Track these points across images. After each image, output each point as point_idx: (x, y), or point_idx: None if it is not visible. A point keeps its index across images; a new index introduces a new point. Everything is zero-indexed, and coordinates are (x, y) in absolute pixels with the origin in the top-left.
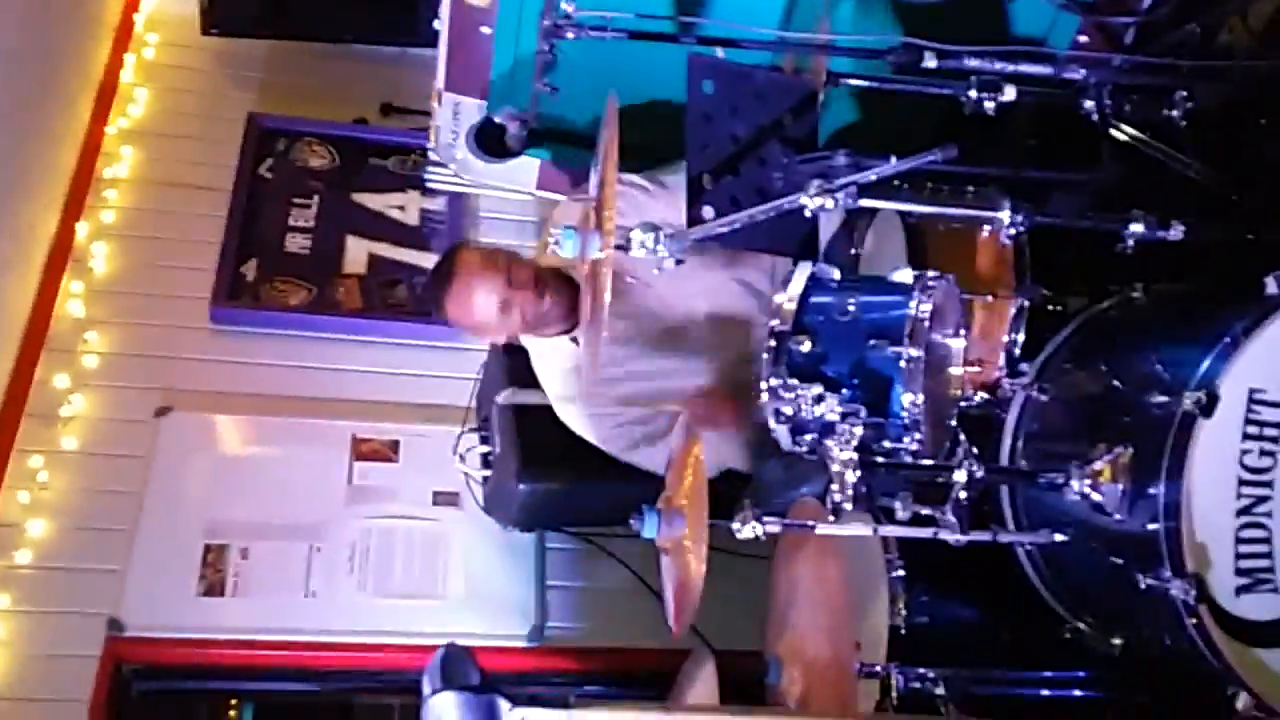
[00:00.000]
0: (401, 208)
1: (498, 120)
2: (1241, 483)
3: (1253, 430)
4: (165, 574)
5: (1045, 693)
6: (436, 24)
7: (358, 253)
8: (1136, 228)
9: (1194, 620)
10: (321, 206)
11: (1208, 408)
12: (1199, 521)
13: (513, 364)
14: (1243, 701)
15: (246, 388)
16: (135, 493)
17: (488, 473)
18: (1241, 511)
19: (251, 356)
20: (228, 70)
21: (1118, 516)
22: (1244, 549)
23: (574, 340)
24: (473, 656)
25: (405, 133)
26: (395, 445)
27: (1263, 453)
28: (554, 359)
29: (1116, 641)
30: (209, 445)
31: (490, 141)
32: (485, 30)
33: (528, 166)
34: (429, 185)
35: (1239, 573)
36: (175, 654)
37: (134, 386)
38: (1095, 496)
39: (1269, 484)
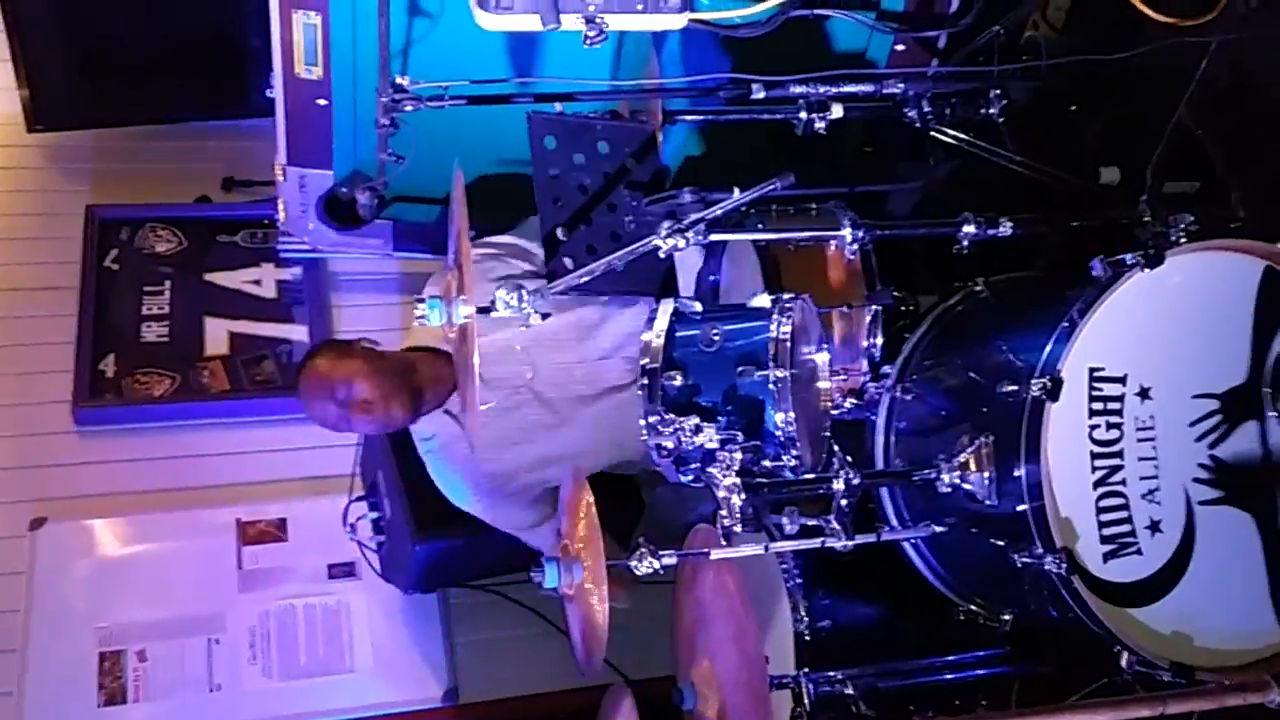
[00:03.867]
0: (257, 282)
1: (346, 191)
2: (1094, 456)
3: (1097, 406)
4: (63, 690)
5: (950, 676)
6: (270, 93)
7: (218, 333)
8: (969, 229)
9: (1069, 590)
10: (174, 291)
11: (1053, 392)
12: (1061, 498)
13: None
14: (1125, 659)
15: (121, 487)
16: (19, 611)
17: (381, 539)
18: (1098, 483)
19: (122, 454)
20: (60, 165)
21: (988, 502)
22: (1105, 517)
23: (448, 414)
24: None
25: (251, 206)
26: (282, 524)
27: (1109, 426)
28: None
29: (1006, 617)
30: (89, 552)
31: (341, 211)
32: (321, 102)
33: (382, 229)
34: (283, 256)
35: (1104, 540)
36: None
37: (3, 502)
38: (966, 486)
39: (1119, 454)
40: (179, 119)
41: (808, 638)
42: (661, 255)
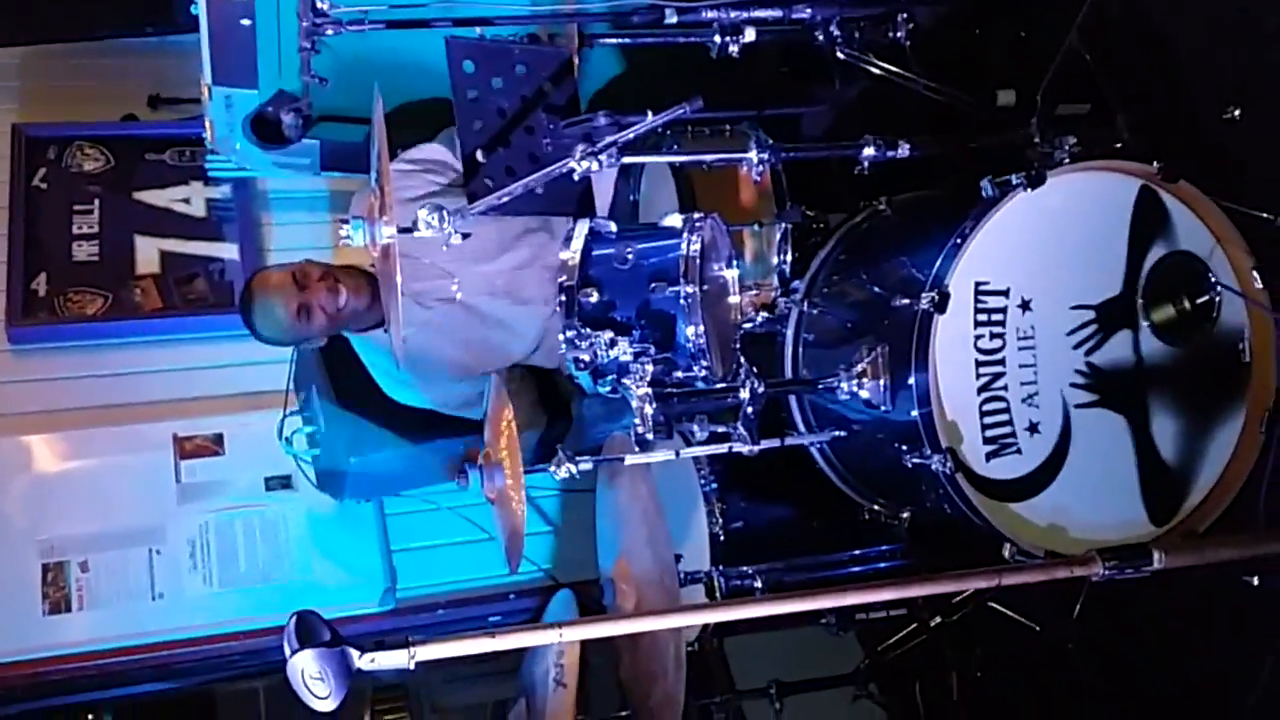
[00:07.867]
0: (186, 200)
1: (272, 111)
2: (978, 364)
3: (982, 317)
4: (7, 599)
5: (855, 569)
6: (194, 9)
7: (149, 252)
8: (869, 151)
9: (953, 487)
10: (104, 210)
11: (941, 304)
12: (948, 403)
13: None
14: (1007, 549)
15: (58, 404)
16: None
17: (316, 451)
18: (982, 389)
19: (57, 372)
20: None
21: (883, 409)
22: (988, 420)
23: (387, 332)
24: (320, 618)
25: (178, 124)
26: (219, 438)
27: (993, 335)
28: (377, 350)
29: (905, 515)
30: (28, 467)
31: (267, 130)
32: (245, 22)
33: (309, 148)
34: (211, 174)
35: (986, 441)
36: (27, 675)
37: None
38: (862, 394)
39: (1002, 361)
40: (103, 35)
41: (722, 538)
42: (576, 178)
